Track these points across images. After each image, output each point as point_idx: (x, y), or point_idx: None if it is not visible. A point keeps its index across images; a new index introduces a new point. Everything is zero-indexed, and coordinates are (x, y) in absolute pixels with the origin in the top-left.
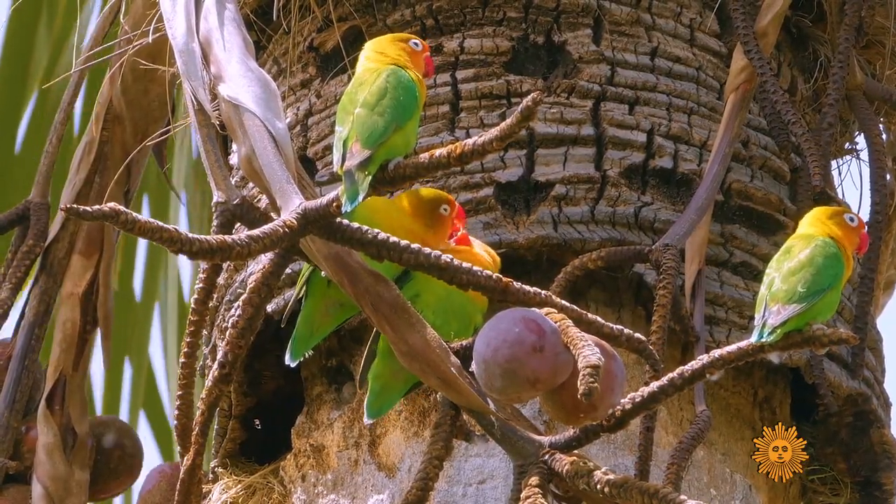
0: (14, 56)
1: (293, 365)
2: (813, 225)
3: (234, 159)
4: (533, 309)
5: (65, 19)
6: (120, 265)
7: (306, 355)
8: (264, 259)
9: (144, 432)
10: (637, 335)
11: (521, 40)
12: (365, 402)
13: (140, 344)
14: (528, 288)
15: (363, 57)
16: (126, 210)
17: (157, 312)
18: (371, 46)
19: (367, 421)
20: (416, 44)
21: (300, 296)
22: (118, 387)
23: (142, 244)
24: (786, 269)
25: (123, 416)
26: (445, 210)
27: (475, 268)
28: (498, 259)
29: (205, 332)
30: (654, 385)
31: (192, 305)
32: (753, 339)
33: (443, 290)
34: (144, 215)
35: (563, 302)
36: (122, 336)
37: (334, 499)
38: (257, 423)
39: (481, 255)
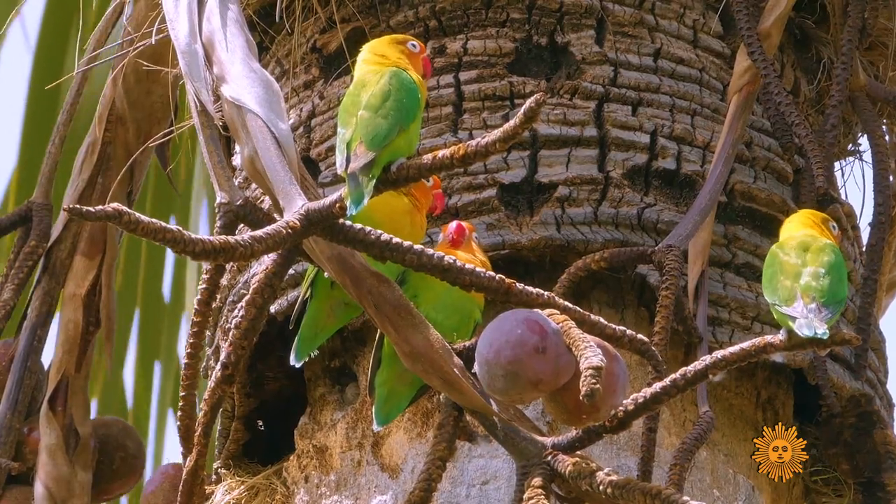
0: (47, 60)
1: (298, 365)
2: (812, 227)
3: (237, 160)
4: (535, 310)
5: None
6: (146, 268)
7: (311, 356)
8: (267, 260)
9: (173, 433)
10: (640, 336)
11: (525, 41)
12: (373, 409)
13: (169, 346)
14: (530, 289)
15: (362, 59)
16: (129, 210)
17: (186, 315)
18: (370, 48)
19: (375, 428)
20: (413, 45)
21: (306, 297)
22: (149, 388)
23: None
24: (812, 270)
25: (152, 416)
26: None
27: (478, 269)
28: (488, 263)
29: (208, 333)
30: (657, 386)
31: (196, 306)
32: (806, 332)
33: (441, 287)
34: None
35: (566, 303)
36: (153, 338)
37: (337, 500)
38: (260, 424)
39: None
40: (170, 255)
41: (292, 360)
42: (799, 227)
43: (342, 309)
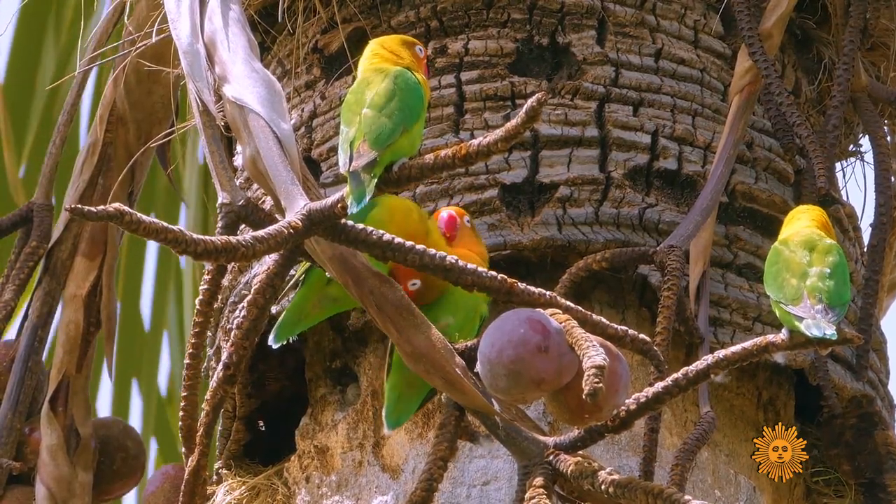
0: (21, 64)
1: (276, 347)
2: (821, 227)
3: (238, 160)
4: (538, 310)
5: (73, 25)
6: (124, 289)
7: (290, 340)
8: (269, 260)
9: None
10: (641, 336)
11: (526, 42)
12: (383, 413)
13: (150, 371)
14: (532, 289)
15: (370, 53)
16: (130, 210)
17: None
18: (381, 44)
19: (386, 431)
20: (420, 49)
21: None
22: (126, 412)
23: (149, 263)
24: (818, 270)
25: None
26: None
27: (480, 269)
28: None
29: (209, 333)
30: (659, 386)
31: (197, 307)
32: (815, 332)
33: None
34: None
35: (568, 303)
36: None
37: (338, 500)
38: (261, 424)
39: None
40: (148, 273)
41: (270, 341)
42: (807, 224)
43: (330, 303)
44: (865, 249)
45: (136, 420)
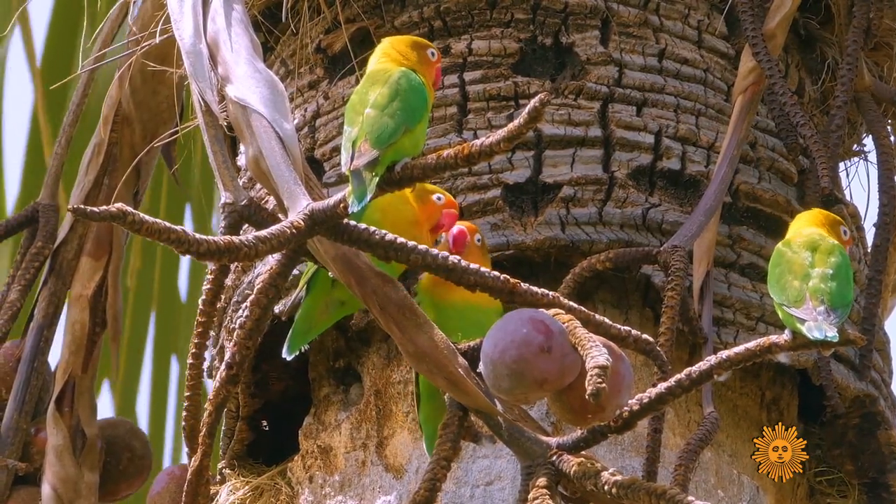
0: (56, 58)
1: (289, 358)
2: (821, 227)
3: (241, 160)
4: (541, 310)
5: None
6: (161, 265)
7: (303, 349)
8: (272, 260)
9: None
10: (645, 336)
11: (529, 42)
12: (424, 447)
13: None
14: (535, 289)
15: (379, 53)
16: (133, 210)
17: None
18: (391, 44)
19: None
20: (432, 53)
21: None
22: (166, 387)
23: None
24: (820, 271)
25: (170, 415)
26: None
27: (482, 269)
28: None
29: (212, 333)
30: (662, 386)
31: (200, 306)
32: (816, 334)
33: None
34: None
35: (571, 303)
36: (169, 337)
37: (342, 500)
38: (265, 424)
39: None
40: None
41: (284, 354)
42: (806, 225)
43: (337, 307)
44: (869, 249)
45: (172, 397)
